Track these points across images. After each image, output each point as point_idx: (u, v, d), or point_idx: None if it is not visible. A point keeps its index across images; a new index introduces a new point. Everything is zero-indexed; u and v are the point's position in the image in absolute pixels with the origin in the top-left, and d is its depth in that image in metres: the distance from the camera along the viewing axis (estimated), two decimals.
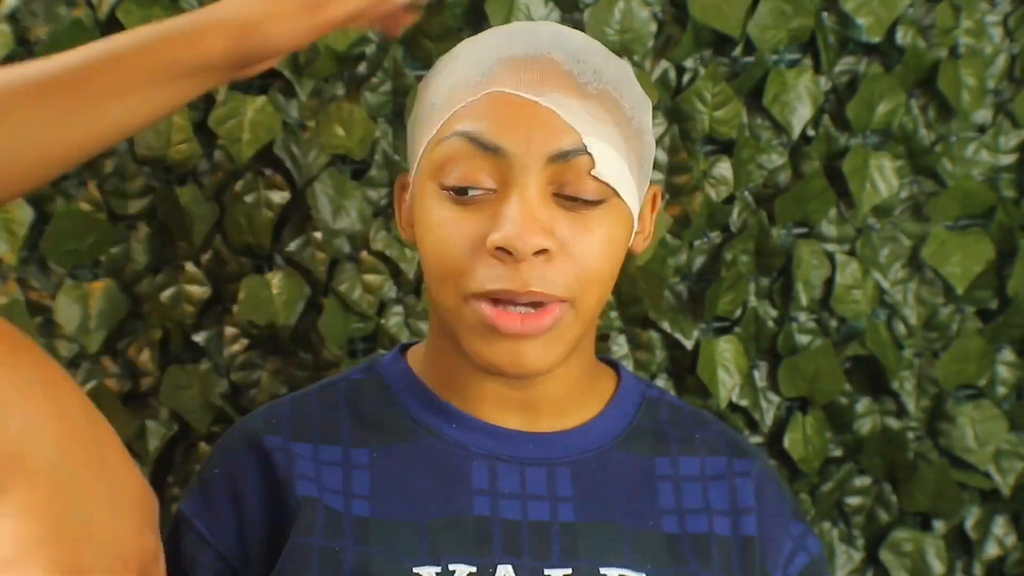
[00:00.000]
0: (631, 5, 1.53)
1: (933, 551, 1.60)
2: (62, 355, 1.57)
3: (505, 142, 0.81)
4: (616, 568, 0.86)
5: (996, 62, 1.58)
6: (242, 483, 0.88)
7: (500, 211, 0.81)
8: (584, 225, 0.83)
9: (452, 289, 0.84)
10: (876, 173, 1.55)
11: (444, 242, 0.83)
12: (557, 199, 0.83)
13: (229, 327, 1.57)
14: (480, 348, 0.84)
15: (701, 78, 1.54)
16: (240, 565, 0.86)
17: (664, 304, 1.57)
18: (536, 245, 0.80)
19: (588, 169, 0.82)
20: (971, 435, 1.59)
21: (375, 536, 0.84)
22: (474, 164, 0.82)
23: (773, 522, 0.94)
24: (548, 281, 0.81)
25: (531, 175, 0.81)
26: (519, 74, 0.82)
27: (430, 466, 0.87)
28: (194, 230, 1.53)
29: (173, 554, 0.87)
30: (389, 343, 1.57)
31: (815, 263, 1.57)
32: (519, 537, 0.85)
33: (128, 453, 0.56)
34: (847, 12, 1.54)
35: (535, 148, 0.81)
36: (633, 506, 0.90)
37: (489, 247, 0.81)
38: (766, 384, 1.60)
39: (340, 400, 0.93)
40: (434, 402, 0.91)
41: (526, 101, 0.81)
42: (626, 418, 0.94)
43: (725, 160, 1.55)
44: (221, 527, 0.87)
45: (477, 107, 0.82)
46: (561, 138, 0.82)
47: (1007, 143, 1.59)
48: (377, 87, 1.54)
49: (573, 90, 0.83)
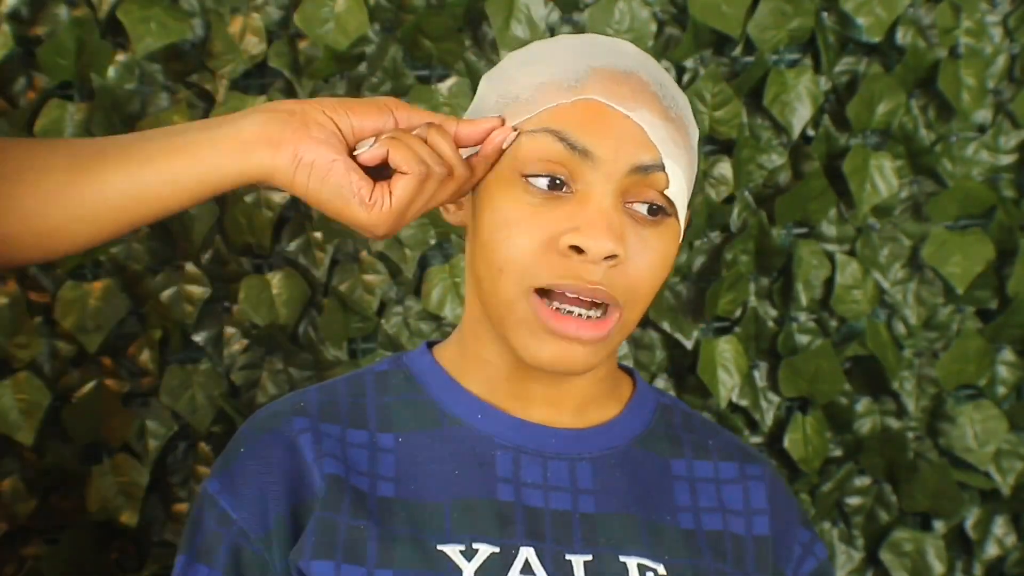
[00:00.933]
0: (631, 5, 1.53)
1: (933, 551, 1.60)
2: (62, 355, 1.57)
3: (595, 147, 0.85)
4: (635, 557, 0.88)
5: (996, 62, 1.58)
6: (266, 463, 0.89)
7: (578, 212, 0.85)
8: (645, 240, 0.87)
9: (514, 280, 0.86)
10: (876, 173, 1.55)
11: (516, 232, 0.86)
12: (627, 208, 0.87)
13: (229, 327, 1.57)
14: (530, 344, 0.86)
15: (701, 78, 1.54)
16: (263, 542, 0.88)
17: (664, 304, 1.57)
18: (610, 249, 0.83)
19: (661, 186, 0.87)
20: (971, 435, 1.59)
21: (400, 516, 0.87)
22: (560, 162, 0.86)
23: (784, 526, 0.97)
24: (612, 284, 0.85)
25: (612, 183, 0.85)
26: (613, 87, 0.87)
27: (455, 453, 0.90)
28: (194, 230, 1.53)
29: (197, 531, 0.89)
30: (389, 343, 1.57)
31: (815, 263, 1.57)
32: (541, 523, 0.87)
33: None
34: (847, 12, 1.54)
35: (621, 158, 0.85)
36: (651, 501, 0.93)
37: (563, 245, 0.84)
38: (766, 384, 1.60)
39: (367, 389, 0.95)
40: (460, 394, 0.93)
41: (618, 113, 0.86)
42: (643, 421, 0.97)
43: (725, 160, 1.56)
44: (245, 504, 0.89)
45: (570, 110, 0.87)
46: (645, 153, 0.86)
47: (1007, 143, 1.59)
48: (377, 87, 1.54)
49: (658, 111, 0.88)
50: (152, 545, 1.59)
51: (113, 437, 1.56)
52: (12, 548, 1.59)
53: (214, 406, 1.55)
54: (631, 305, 0.87)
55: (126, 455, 1.57)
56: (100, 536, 1.58)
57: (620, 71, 0.88)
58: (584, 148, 0.85)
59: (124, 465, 1.56)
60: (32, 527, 1.58)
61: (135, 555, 1.60)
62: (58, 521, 1.58)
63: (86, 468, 1.57)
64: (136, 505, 1.56)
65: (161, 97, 1.54)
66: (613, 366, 0.97)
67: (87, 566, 1.58)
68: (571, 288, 0.84)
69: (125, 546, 1.59)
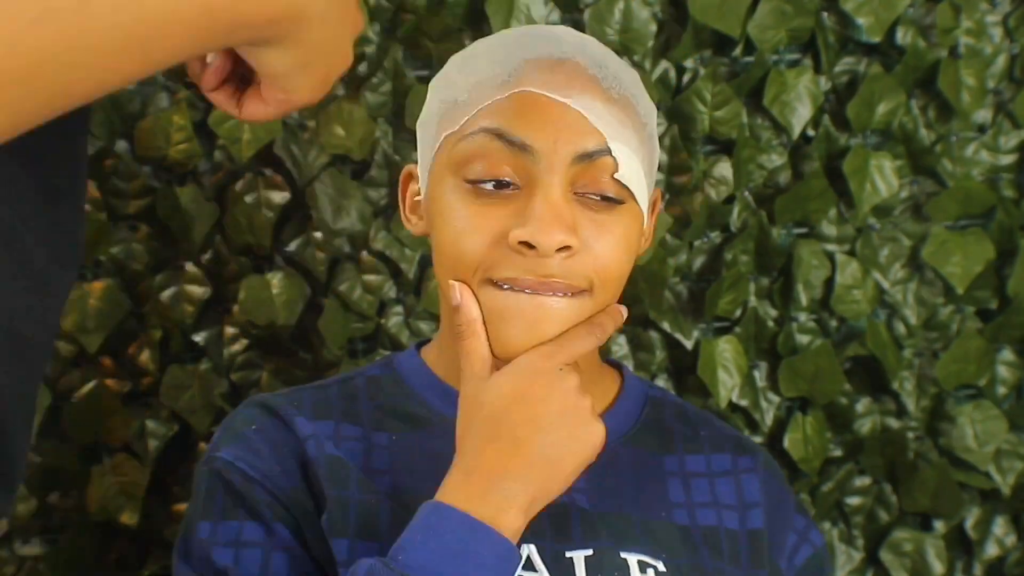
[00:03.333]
0: (631, 5, 1.53)
1: (933, 551, 1.60)
2: (62, 355, 1.57)
3: (534, 140, 0.84)
4: (635, 554, 0.88)
5: (996, 62, 1.58)
6: (276, 435, 0.90)
7: (525, 207, 0.84)
8: (602, 225, 0.85)
9: (468, 278, 0.86)
10: (876, 173, 1.55)
11: (465, 233, 0.85)
12: (578, 198, 0.86)
13: (229, 327, 1.57)
14: (492, 334, 0.85)
15: (701, 78, 1.54)
16: (288, 502, 0.87)
17: (664, 304, 1.57)
18: (560, 242, 0.82)
19: (610, 171, 0.85)
20: (971, 435, 1.59)
21: (405, 499, 0.86)
22: (500, 160, 0.84)
23: (778, 515, 0.97)
24: (569, 273, 0.84)
25: (557, 174, 0.84)
26: (547, 75, 0.85)
27: (447, 451, 0.89)
28: (194, 230, 1.53)
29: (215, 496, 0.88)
30: (389, 343, 1.57)
31: (815, 263, 1.57)
32: (540, 519, 0.86)
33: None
34: (847, 12, 1.54)
35: (562, 147, 0.84)
36: (644, 498, 0.93)
37: (512, 241, 0.83)
38: (766, 384, 1.60)
39: (359, 391, 0.95)
40: (449, 393, 0.93)
41: (555, 102, 0.84)
42: (632, 417, 0.96)
43: (725, 160, 1.56)
44: (266, 466, 0.88)
45: (505, 105, 0.85)
46: (587, 139, 0.84)
47: (1007, 143, 1.59)
48: (377, 87, 1.54)
49: (599, 94, 0.86)
50: (152, 545, 1.59)
51: (113, 437, 1.56)
52: (12, 548, 1.59)
53: (214, 406, 1.55)
54: (602, 288, 0.86)
55: (126, 455, 1.57)
56: (100, 536, 1.58)
57: (555, 59, 0.86)
58: (522, 142, 0.84)
59: (124, 465, 1.56)
60: (32, 527, 1.58)
61: (135, 555, 1.60)
62: (58, 521, 1.58)
63: (86, 468, 1.57)
64: (136, 505, 1.56)
65: (161, 97, 1.54)
66: (594, 362, 0.96)
67: (87, 566, 1.58)
68: (528, 284, 0.84)
69: (125, 546, 1.59)
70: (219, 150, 1.54)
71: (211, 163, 1.55)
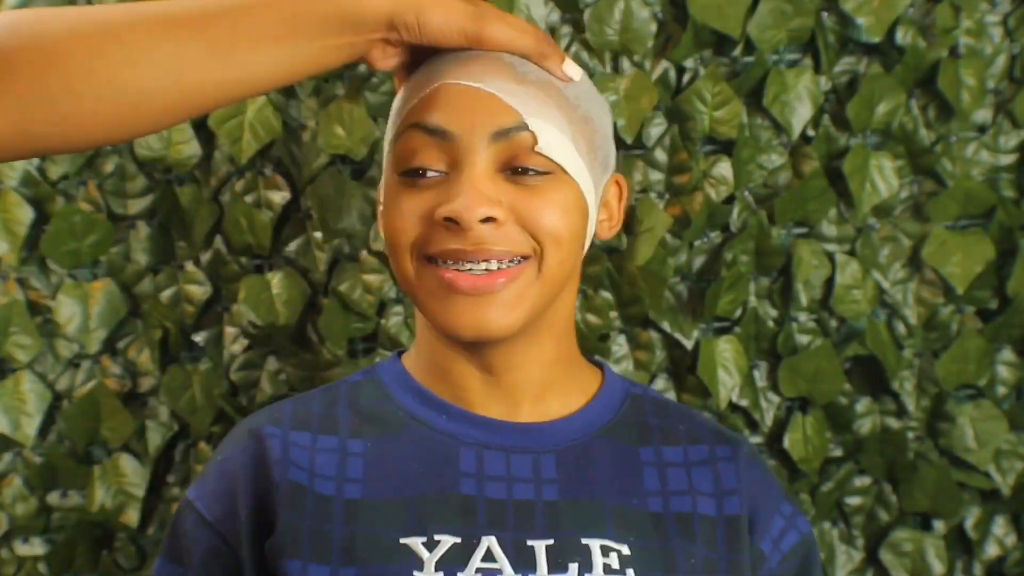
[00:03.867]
0: (631, 5, 1.53)
1: (933, 551, 1.60)
2: (62, 355, 1.57)
3: (451, 125, 0.88)
4: (598, 539, 0.90)
5: (996, 62, 1.58)
6: (235, 465, 0.94)
7: (449, 187, 0.88)
8: (533, 191, 0.89)
9: (409, 256, 0.90)
10: (876, 173, 1.55)
11: (398, 217, 0.90)
12: (505, 175, 0.89)
13: (229, 327, 1.57)
14: (439, 310, 0.89)
15: (701, 78, 1.54)
16: (234, 540, 0.92)
17: (664, 304, 1.57)
18: (481, 214, 0.86)
19: (531, 145, 0.88)
20: (971, 435, 1.59)
21: (364, 516, 0.90)
22: (426, 150, 0.89)
23: (760, 501, 0.98)
24: (504, 239, 0.88)
25: (477, 153, 0.88)
26: (463, 68, 0.90)
27: (420, 452, 0.93)
28: (194, 230, 1.53)
29: (179, 534, 0.94)
30: (389, 343, 1.57)
31: (815, 263, 1.57)
32: (504, 513, 0.89)
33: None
34: (847, 12, 1.54)
35: (478, 128, 0.88)
36: (618, 486, 0.94)
37: (438, 218, 0.87)
38: (766, 384, 1.60)
39: (340, 398, 0.99)
40: (425, 396, 0.96)
41: (469, 88, 0.89)
42: (610, 411, 0.98)
43: (725, 160, 1.56)
44: (217, 505, 0.93)
45: (427, 100, 0.90)
46: (502, 117, 0.88)
47: (1007, 143, 1.59)
48: (377, 87, 1.54)
49: (512, 77, 0.90)
50: (152, 545, 1.59)
51: (113, 437, 1.56)
52: (12, 548, 1.59)
53: (214, 406, 1.55)
54: (545, 254, 0.89)
55: (126, 455, 1.57)
56: (100, 536, 1.58)
57: (473, 54, 0.90)
58: (440, 128, 0.88)
59: (124, 465, 1.56)
60: (32, 527, 1.58)
61: (135, 555, 1.60)
62: (58, 521, 1.58)
63: (86, 468, 1.57)
64: (136, 505, 1.56)
65: None
66: (568, 352, 0.98)
67: (87, 566, 1.58)
68: (457, 254, 0.87)
69: (125, 546, 1.59)
70: (219, 150, 1.54)
71: (211, 163, 1.55)
